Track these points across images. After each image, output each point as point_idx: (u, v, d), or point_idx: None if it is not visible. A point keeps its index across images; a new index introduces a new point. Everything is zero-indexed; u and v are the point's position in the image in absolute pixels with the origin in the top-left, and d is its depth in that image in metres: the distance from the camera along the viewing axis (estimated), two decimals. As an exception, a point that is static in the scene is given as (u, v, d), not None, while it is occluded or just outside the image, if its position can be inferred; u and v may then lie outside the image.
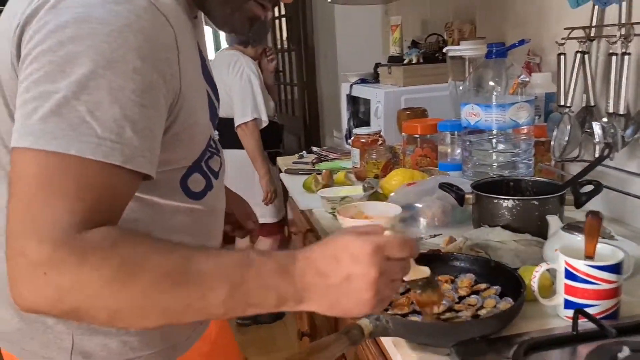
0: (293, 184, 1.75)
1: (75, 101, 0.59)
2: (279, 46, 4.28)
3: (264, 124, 2.51)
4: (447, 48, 1.72)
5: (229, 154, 1.11)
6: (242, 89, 2.47)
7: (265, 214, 2.57)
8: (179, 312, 0.60)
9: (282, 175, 1.93)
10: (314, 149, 2.16)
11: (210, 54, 2.29)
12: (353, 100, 2.10)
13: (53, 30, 0.60)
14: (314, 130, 3.86)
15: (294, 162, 2.03)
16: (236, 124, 2.47)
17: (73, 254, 0.56)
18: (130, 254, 0.59)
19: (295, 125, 4.09)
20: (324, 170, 1.67)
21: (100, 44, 0.60)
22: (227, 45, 2.75)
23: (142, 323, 0.62)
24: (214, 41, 5.44)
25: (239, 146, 2.50)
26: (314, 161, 1.97)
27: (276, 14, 4.14)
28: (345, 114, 2.19)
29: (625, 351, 0.64)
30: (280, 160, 2.12)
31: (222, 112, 1.55)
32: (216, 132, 0.90)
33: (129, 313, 0.59)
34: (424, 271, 0.71)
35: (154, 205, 0.76)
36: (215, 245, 0.90)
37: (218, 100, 0.90)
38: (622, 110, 1.08)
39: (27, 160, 0.59)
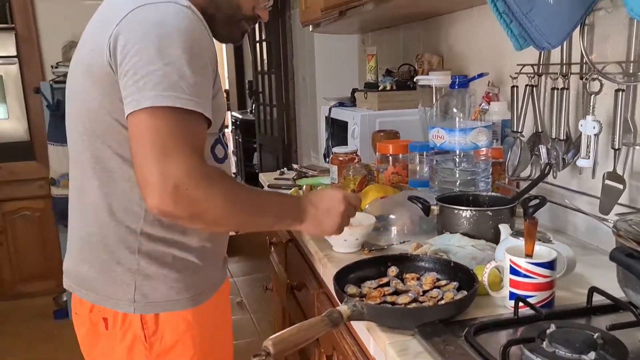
0: (276, 197, 1.87)
1: (170, 74, 0.89)
2: (259, 68, 4.40)
3: None
4: (417, 77, 1.84)
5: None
6: None
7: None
8: (252, 223, 1.01)
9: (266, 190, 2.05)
10: (294, 166, 2.28)
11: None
12: (332, 122, 2.22)
13: (142, 35, 0.91)
14: (291, 150, 3.98)
15: (276, 178, 2.14)
16: None
17: (206, 179, 0.89)
18: (233, 184, 0.96)
19: (273, 145, 4.20)
20: (305, 185, 1.79)
21: (177, 39, 0.90)
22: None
23: (230, 226, 1.02)
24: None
25: None
26: (295, 177, 2.06)
27: (257, 38, 4.26)
28: (324, 134, 2.29)
29: (552, 327, 0.79)
30: (262, 176, 2.24)
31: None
32: None
33: (227, 221, 0.95)
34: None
35: None
36: None
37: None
38: (563, 136, 1.25)
39: (151, 117, 0.88)
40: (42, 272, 3.53)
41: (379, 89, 2.05)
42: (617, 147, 1.10)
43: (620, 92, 1.08)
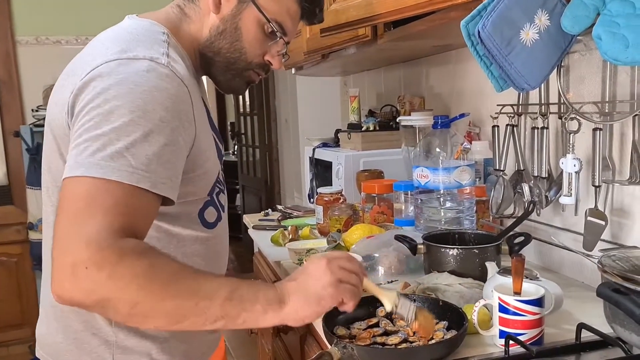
0: (261, 239, 1.86)
1: (116, 141, 0.76)
2: (241, 110, 4.44)
3: None
4: (400, 118, 1.88)
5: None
6: None
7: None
8: (186, 311, 0.75)
9: (250, 231, 2.03)
10: (279, 207, 2.28)
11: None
12: (316, 162, 2.23)
13: (100, 92, 0.79)
14: (274, 191, 3.98)
15: (260, 219, 2.13)
16: None
17: (112, 254, 0.71)
18: (154, 261, 0.75)
19: (256, 186, 4.20)
20: (290, 226, 1.78)
21: (136, 100, 0.78)
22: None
23: (155, 319, 0.76)
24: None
25: None
26: (280, 218, 2.06)
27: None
28: (308, 175, 2.30)
29: (544, 365, 0.80)
30: (247, 218, 2.23)
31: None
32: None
33: (146, 307, 0.73)
34: (392, 292, 0.91)
35: (177, 236, 0.93)
36: (222, 271, 1.06)
37: (222, 143, 1.08)
38: (544, 174, 1.27)
39: (77, 185, 0.75)
40: (18, 319, 3.42)
41: (362, 129, 2.08)
42: (597, 184, 1.12)
43: (598, 131, 1.11)
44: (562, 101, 1.21)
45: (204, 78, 1.08)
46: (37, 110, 3.38)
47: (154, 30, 0.92)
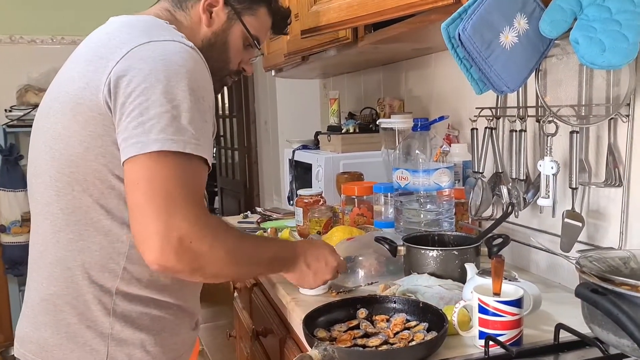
0: (240, 241, 1.85)
1: (178, 117, 0.85)
2: (220, 112, 4.42)
3: None
4: (379, 120, 1.88)
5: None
6: None
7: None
8: (252, 273, 1.15)
9: (229, 234, 2.02)
10: (258, 209, 2.27)
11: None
12: (295, 164, 2.23)
13: (148, 73, 0.86)
14: (253, 193, 3.96)
15: (239, 222, 2.12)
16: None
17: (210, 230, 0.86)
18: (235, 236, 0.95)
19: (235, 188, 4.18)
20: (269, 228, 1.78)
21: (184, 80, 0.87)
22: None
23: (228, 277, 1.03)
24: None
25: None
26: (259, 220, 2.05)
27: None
28: (287, 177, 2.30)
29: (523, 365, 0.80)
30: (226, 220, 2.21)
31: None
32: None
33: (227, 272, 0.94)
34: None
35: None
36: None
37: None
38: (522, 176, 1.28)
39: (156, 163, 0.83)
40: (-10, 324, 3.35)
41: (342, 131, 2.09)
42: (574, 187, 1.14)
43: (575, 134, 1.13)
44: (540, 104, 1.22)
45: None
46: (10, 111, 3.31)
47: (160, 22, 1.00)
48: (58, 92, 0.96)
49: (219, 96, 4.33)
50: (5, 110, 3.33)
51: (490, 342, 0.89)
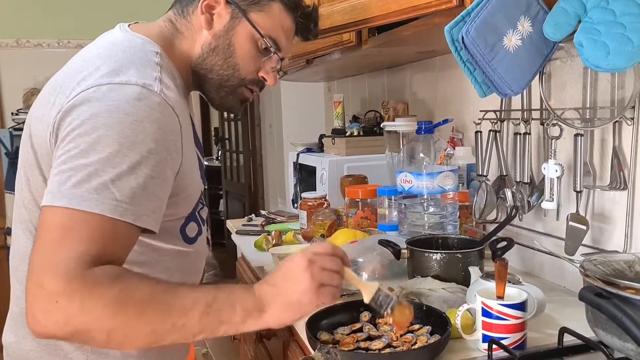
0: (244, 244, 1.85)
1: (102, 172, 0.74)
2: (225, 115, 4.42)
3: None
4: (383, 123, 1.88)
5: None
6: None
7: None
8: (164, 331, 0.74)
9: (234, 237, 2.02)
10: (262, 212, 2.27)
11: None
12: (300, 167, 2.23)
13: (88, 118, 0.77)
14: (258, 196, 3.97)
15: (244, 225, 2.12)
16: None
17: (82, 286, 0.70)
18: (126, 286, 0.73)
19: (240, 191, 4.19)
20: (274, 231, 1.77)
21: (125, 130, 0.76)
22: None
23: (134, 343, 0.75)
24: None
25: None
26: (263, 223, 2.05)
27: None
28: (292, 180, 2.30)
29: (527, 369, 0.80)
30: (230, 223, 2.21)
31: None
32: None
33: (122, 333, 0.72)
34: (373, 285, 0.87)
35: (158, 250, 0.91)
36: (198, 282, 1.05)
37: (203, 156, 1.07)
38: (526, 179, 1.28)
39: (57, 215, 0.73)
40: (-4, 326, 3.35)
41: (347, 134, 2.09)
42: (578, 190, 1.14)
43: (579, 137, 1.12)
44: (544, 107, 1.22)
45: None
46: (16, 114, 3.33)
47: (147, 50, 0.89)
48: (32, 110, 0.91)
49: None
50: (12, 113, 3.36)
51: (494, 346, 0.89)
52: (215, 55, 0.96)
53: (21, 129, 3.22)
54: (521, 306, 0.92)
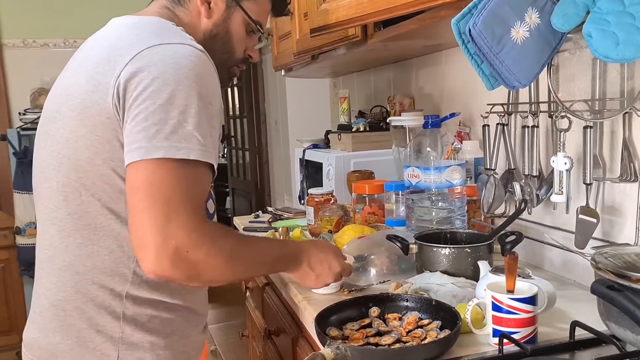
0: (251, 240, 1.85)
1: (184, 123, 0.84)
2: (231, 113, 4.43)
3: None
4: (390, 118, 1.87)
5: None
6: None
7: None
8: (252, 273, 1.16)
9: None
10: (269, 208, 2.26)
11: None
12: (306, 164, 2.23)
13: (157, 77, 0.85)
14: (264, 193, 3.97)
15: (251, 221, 2.12)
16: None
17: (207, 238, 0.84)
18: (233, 238, 0.94)
19: (246, 188, 4.19)
20: (281, 228, 1.77)
21: (192, 83, 0.86)
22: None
23: (232, 276, 0.93)
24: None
25: None
26: (270, 220, 2.04)
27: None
28: (298, 176, 2.30)
29: (539, 363, 0.79)
30: (237, 220, 2.21)
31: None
32: None
33: (228, 276, 0.91)
34: None
35: None
36: None
37: None
38: (535, 173, 1.27)
39: (158, 168, 0.82)
40: (6, 326, 3.37)
41: (353, 130, 2.08)
42: (588, 182, 1.12)
43: (588, 129, 1.11)
44: (552, 99, 1.21)
45: None
46: (24, 114, 3.34)
47: (167, 24, 0.98)
48: (65, 96, 0.94)
49: (229, 96, 4.35)
50: (19, 113, 3.37)
51: (505, 340, 0.88)
52: (215, 42, 1.07)
53: (29, 129, 3.26)
54: (532, 300, 0.91)
